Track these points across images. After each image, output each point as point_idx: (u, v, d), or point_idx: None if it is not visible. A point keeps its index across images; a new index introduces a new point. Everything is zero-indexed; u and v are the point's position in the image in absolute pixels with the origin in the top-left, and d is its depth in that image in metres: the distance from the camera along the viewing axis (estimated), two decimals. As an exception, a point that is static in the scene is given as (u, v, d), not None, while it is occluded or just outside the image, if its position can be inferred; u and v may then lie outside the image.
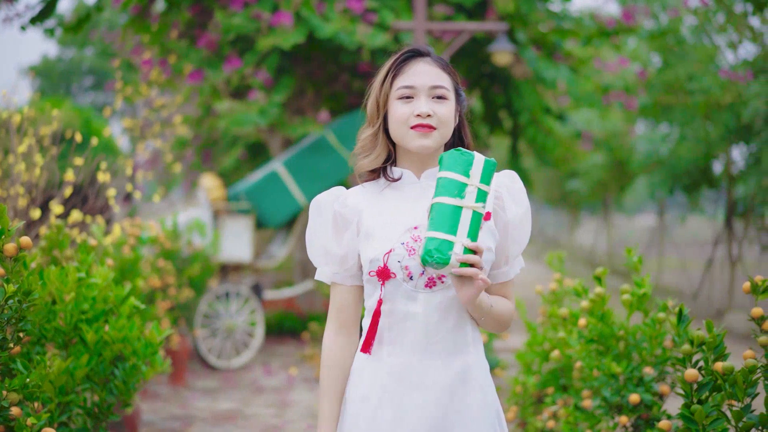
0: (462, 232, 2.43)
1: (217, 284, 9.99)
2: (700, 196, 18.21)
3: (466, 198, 2.45)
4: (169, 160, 12.10)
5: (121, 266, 6.74)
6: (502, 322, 2.67)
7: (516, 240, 2.67)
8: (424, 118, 2.60)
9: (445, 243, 2.42)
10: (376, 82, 2.73)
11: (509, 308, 2.69)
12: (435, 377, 2.60)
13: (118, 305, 3.94)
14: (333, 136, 10.55)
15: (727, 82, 14.23)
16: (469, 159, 2.48)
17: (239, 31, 10.29)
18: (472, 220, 2.44)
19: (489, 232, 2.62)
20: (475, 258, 2.42)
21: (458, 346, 2.62)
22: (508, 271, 2.70)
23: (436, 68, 2.66)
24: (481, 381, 2.64)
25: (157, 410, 7.95)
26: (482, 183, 2.47)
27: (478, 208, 2.44)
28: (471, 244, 2.42)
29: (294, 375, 9.55)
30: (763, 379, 2.93)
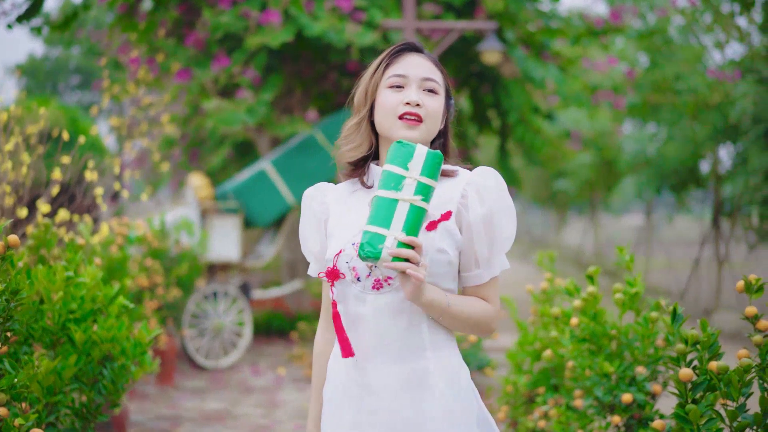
0: (396, 225, 2.37)
1: (204, 284, 9.94)
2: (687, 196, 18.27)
3: (403, 191, 2.39)
4: (156, 159, 12.04)
5: (108, 265, 6.70)
6: (473, 324, 2.56)
7: (483, 242, 2.55)
8: (413, 107, 2.56)
9: (377, 236, 2.36)
10: (367, 73, 2.70)
11: (484, 310, 2.57)
12: (386, 382, 2.53)
13: (107, 305, 3.90)
14: (321, 135, 10.52)
15: (715, 82, 14.27)
16: (409, 151, 2.42)
17: (227, 29, 10.24)
18: (408, 214, 2.37)
19: (446, 232, 2.53)
20: (408, 252, 2.34)
21: (412, 350, 2.52)
22: (481, 274, 2.57)
23: (429, 62, 2.64)
24: (442, 387, 2.52)
25: (145, 410, 7.91)
26: (423, 176, 2.40)
27: (416, 201, 2.37)
28: (405, 238, 2.35)
29: (282, 375, 9.51)
30: (757, 379, 2.91)
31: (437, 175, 2.43)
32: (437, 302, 2.48)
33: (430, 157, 2.42)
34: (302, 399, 8.47)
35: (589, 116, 18.67)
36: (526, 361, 4.97)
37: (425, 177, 2.40)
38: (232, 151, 14.08)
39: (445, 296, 2.50)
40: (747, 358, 2.88)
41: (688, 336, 3.01)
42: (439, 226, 2.53)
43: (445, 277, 2.54)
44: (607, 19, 12.07)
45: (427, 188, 2.41)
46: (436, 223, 2.53)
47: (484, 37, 10.56)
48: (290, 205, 10.32)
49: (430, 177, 2.41)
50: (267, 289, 11.68)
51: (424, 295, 2.44)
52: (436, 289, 2.49)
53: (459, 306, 2.53)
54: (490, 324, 2.60)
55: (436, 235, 2.52)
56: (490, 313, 2.59)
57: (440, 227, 2.53)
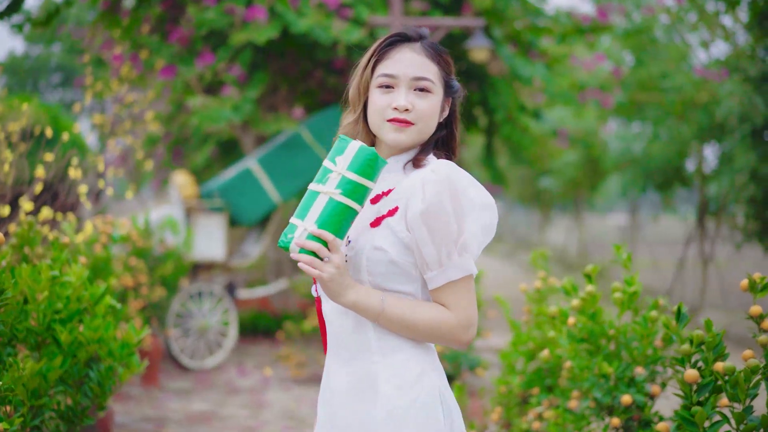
0: (311, 217, 2.32)
1: (189, 283, 9.84)
2: (672, 195, 18.28)
3: (326, 184, 2.34)
4: (140, 158, 11.92)
5: (92, 265, 6.59)
6: (423, 332, 2.38)
7: (425, 241, 2.36)
8: (401, 113, 2.44)
9: (292, 227, 2.34)
10: (359, 66, 2.56)
11: (436, 318, 2.38)
12: (339, 385, 2.47)
13: (93, 305, 3.81)
14: (308, 133, 10.43)
15: (701, 81, 14.27)
16: (341, 146, 2.38)
17: (212, 25, 10.14)
18: (325, 206, 2.32)
19: (388, 229, 2.40)
20: (313, 244, 2.27)
21: (360, 354, 2.43)
22: (434, 278, 2.38)
23: (423, 57, 2.48)
24: (391, 395, 2.38)
25: (130, 412, 7.79)
26: (350, 171, 2.33)
27: (334, 194, 2.31)
28: (314, 230, 2.29)
29: (269, 375, 9.42)
30: (764, 380, 2.85)
31: (371, 173, 2.35)
32: (364, 305, 2.36)
33: (361, 154, 2.35)
34: (289, 399, 8.39)
35: (575, 115, 18.66)
36: (519, 361, 4.90)
37: (352, 172, 2.33)
38: (216, 149, 13.97)
39: (380, 300, 2.37)
40: (754, 359, 2.81)
41: (694, 336, 2.94)
42: (383, 223, 2.42)
43: (390, 277, 2.41)
44: (594, 17, 12.02)
45: (353, 184, 2.33)
46: (381, 219, 2.43)
47: (472, 35, 10.50)
48: (276, 203, 10.23)
49: (360, 174, 2.34)
50: (253, 289, 11.58)
51: (345, 295, 2.35)
52: (367, 292, 2.37)
53: (399, 311, 2.38)
54: (453, 334, 2.39)
55: (377, 232, 2.41)
56: (448, 322, 2.39)
57: (384, 224, 2.42)
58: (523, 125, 12.32)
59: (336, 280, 2.33)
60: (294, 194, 10.66)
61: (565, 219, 34.50)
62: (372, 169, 2.35)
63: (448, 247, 2.36)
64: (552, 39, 12.29)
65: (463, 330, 2.40)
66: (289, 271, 12.27)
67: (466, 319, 2.40)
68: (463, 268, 2.38)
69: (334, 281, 2.32)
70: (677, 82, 14.85)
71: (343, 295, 2.35)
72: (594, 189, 23.36)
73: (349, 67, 10.90)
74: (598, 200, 28.63)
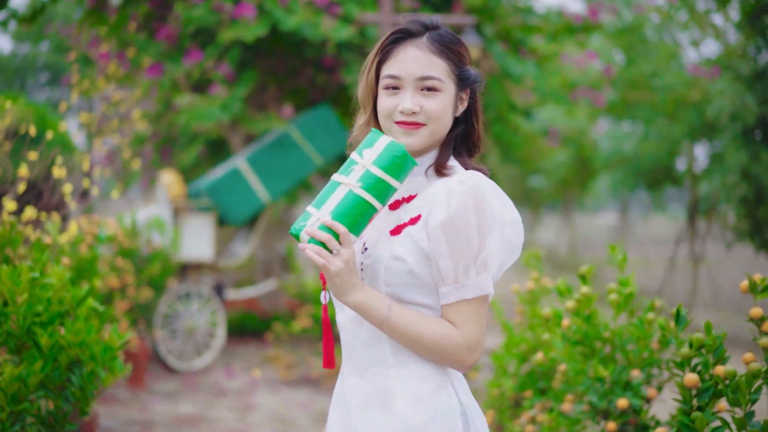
0: (327, 207, 2.22)
1: (177, 284, 9.73)
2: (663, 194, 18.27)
3: (349, 176, 2.24)
4: (127, 157, 11.82)
5: (77, 265, 6.49)
6: (427, 347, 2.26)
7: (443, 253, 2.24)
8: (408, 116, 2.33)
9: (305, 215, 2.24)
10: (365, 65, 2.44)
11: (441, 334, 2.26)
12: (353, 396, 2.36)
13: (75, 307, 3.71)
14: (297, 131, 10.34)
15: (693, 80, 14.24)
16: (372, 139, 2.27)
17: (200, 23, 10.04)
18: (344, 198, 2.22)
19: (408, 238, 2.29)
20: (323, 235, 2.17)
21: (375, 366, 2.33)
22: (448, 293, 2.27)
23: (428, 54, 2.34)
24: (405, 411, 2.28)
25: (116, 415, 7.68)
26: (375, 165, 2.23)
27: (355, 187, 2.21)
28: (327, 221, 2.18)
29: (257, 377, 9.32)
30: (766, 385, 2.77)
31: (398, 171, 2.24)
32: (369, 307, 2.25)
33: (389, 150, 2.25)
34: (277, 402, 8.30)
35: (566, 114, 18.61)
36: (512, 363, 4.82)
37: (377, 167, 2.23)
38: (204, 148, 13.86)
39: (386, 305, 2.26)
40: (756, 363, 2.73)
41: (693, 340, 2.86)
42: (404, 231, 2.31)
43: (408, 288, 2.30)
44: (585, 15, 11.96)
45: (376, 179, 2.23)
46: (402, 227, 2.32)
47: (462, 32, 10.41)
48: (264, 203, 10.13)
49: (385, 170, 2.23)
50: (241, 289, 11.48)
51: (351, 294, 2.24)
52: (374, 294, 2.26)
53: (405, 320, 2.26)
54: (456, 354, 2.27)
55: (397, 241, 2.30)
56: (453, 340, 2.27)
57: (405, 232, 2.31)
58: (514, 124, 12.23)
59: (343, 276, 2.21)
60: (283, 194, 10.57)
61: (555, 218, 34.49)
62: (399, 167, 2.24)
63: (467, 263, 2.25)
64: (543, 37, 12.22)
65: (467, 352, 2.28)
66: (278, 271, 12.17)
67: (473, 341, 2.28)
68: (480, 287, 2.26)
69: (340, 276, 2.21)
70: (668, 81, 14.82)
71: (348, 294, 2.24)
72: (584, 188, 23.33)
73: (339, 65, 10.82)
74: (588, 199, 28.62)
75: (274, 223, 12.26)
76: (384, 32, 9.19)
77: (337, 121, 10.61)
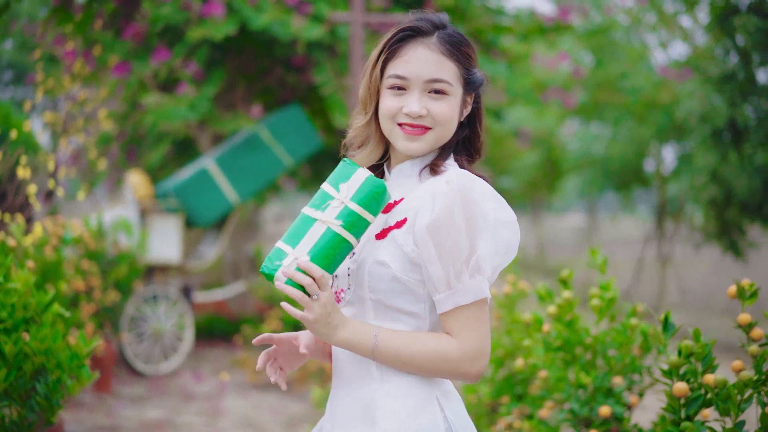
0: (303, 246, 2.10)
1: (144, 286, 9.57)
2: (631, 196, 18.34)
3: (325, 212, 2.12)
4: (92, 157, 11.63)
5: (42, 268, 6.34)
6: (423, 367, 2.16)
7: (432, 258, 2.14)
8: (414, 119, 2.22)
9: (279, 253, 2.12)
10: (369, 61, 2.32)
11: (437, 350, 2.15)
12: (338, 408, 2.28)
13: (40, 313, 3.58)
14: (266, 132, 10.22)
15: (662, 81, 14.29)
16: (347, 172, 2.16)
17: (168, 21, 9.90)
18: (322, 237, 2.10)
19: (392, 243, 2.19)
20: (303, 279, 2.06)
21: (360, 379, 2.23)
22: (442, 301, 2.16)
23: (438, 55, 2.23)
24: (384, 426, 2.18)
25: (82, 420, 7.52)
26: (353, 201, 2.12)
27: (333, 225, 2.10)
28: (304, 263, 2.07)
29: (226, 381, 9.18)
30: (756, 393, 2.70)
31: (375, 207, 2.13)
32: (353, 343, 2.15)
33: (368, 185, 2.13)
34: (247, 406, 8.17)
35: (536, 115, 18.62)
36: (488, 368, 4.74)
37: (355, 204, 2.12)
38: (172, 148, 13.70)
39: (372, 335, 2.15)
40: (746, 372, 2.67)
41: (682, 347, 2.79)
42: (389, 235, 2.21)
43: (393, 295, 2.20)
44: (556, 16, 11.94)
45: (355, 216, 2.12)
46: (387, 231, 2.22)
47: (433, 33, 10.33)
48: (233, 204, 10.00)
49: (363, 206, 2.12)
50: (209, 291, 11.34)
51: (334, 335, 2.14)
52: (358, 328, 2.16)
53: (395, 344, 2.16)
54: (458, 368, 2.17)
55: (381, 245, 2.20)
56: (452, 355, 2.16)
57: (389, 236, 2.21)
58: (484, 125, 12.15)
59: (323, 321, 2.12)
60: (252, 195, 10.45)
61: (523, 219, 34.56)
62: (377, 203, 2.14)
63: (458, 267, 2.14)
64: (514, 38, 12.19)
65: (471, 362, 2.17)
66: (247, 273, 12.04)
67: (474, 350, 2.17)
68: (475, 291, 2.15)
69: (320, 322, 2.12)
70: (637, 83, 14.87)
71: (332, 335, 2.14)
72: (552, 189, 23.37)
73: (309, 65, 10.71)
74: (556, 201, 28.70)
75: (242, 224, 12.13)
76: (354, 31, 9.09)
77: (307, 122, 10.50)
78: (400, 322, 2.23)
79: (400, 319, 2.23)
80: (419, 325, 2.24)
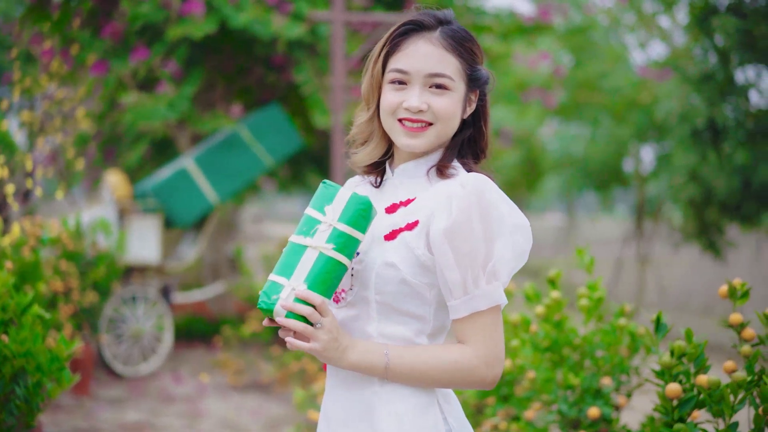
0: (298, 275, 2.06)
1: (122, 287, 9.48)
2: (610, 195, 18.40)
3: (315, 237, 2.07)
4: (70, 157, 11.52)
5: (20, 269, 6.25)
6: (439, 379, 2.11)
7: (449, 263, 2.09)
8: (414, 113, 2.17)
9: (275, 286, 2.07)
10: (371, 56, 2.27)
11: (450, 361, 2.10)
12: (335, 409, 2.23)
13: (20, 314, 3.51)
14: (246, 131, 10.16)
15: (641, 81, 14.33)
16: (330, 194, 2.11)
17: (147, 20, 9.81)
18: (315, 263, 2.06)
19: (403, 245, 2.14)
20: (303, 309, 2.02)
21: (359, 380, 2.19)
22: (457, 307, 2.11)
23: (440, 50, 2.18)
24: (382, 427, 2.14)
25: (59, 423, 7.43)
26: (341, 222, 2.07)
27: (326, 250, 2.06)
28: (302, 293, 2.03)
29: (205, 382, 9.11)
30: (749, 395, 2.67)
31: (363, 224, 2.09)
32: (364, 364, 2.11)
33: (353, 204, 2.09)
34: (227, 408, 8.10)
35: (516, 114, 18.64)
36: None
37: (343, 224, 2.07)
38: (150, 148, 13.60)
39: (383, 354, 2.11)
40: (740, 373, 2.64)
41: (675, 348, 2.75)
42: (399, 237, 2.15)
43: (400, 297, 2.15)
44: (536, 16, 11.93)
45: (345, 237, 2.07)
46: (397, 233, 2.16)
47: (414, 32, 10.29)
48: (213, 204, 9.93)
49: (352, 225, 2.08)
50: (188, 292, 11.25)
51: (344, 359, 2.09)
52: (368, 347, 2.12)
53: (408, 360, 2.11)
54: (474, 375, 2.11)
55: (391, 246, 2.15)
56: (467, 363, 2.11)
57: (399, 238, 2.15)
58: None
59: (331, 347, 2.07)
60: (232, 195, 10.38)
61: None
62: (365, 220, 2.10)
63: (475, 273, 2.09)
64: (494, 37, 12.17)
65: (487, 368, 2.12)
66: (227, 274, 11.96)
67: (490, 356, 2.11)
68: (492, 297, 2.10)
69: (328, 349, 2.07)
70: (616, 83, 14.90)
71: (342, 359, 2.10)
72: (532, 189, 23.41)
73: (289, 64, 10.64)
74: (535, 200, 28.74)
75: (222, 225, 12.06)
76: (335, 30, 9.04)
77: (287, 121, 10.44)
78: (404, 325, 2.19)
79: (405, 322, 2.19)
80: (422, 329, 2.20)
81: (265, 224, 35.57)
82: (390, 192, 2.28)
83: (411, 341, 2.18)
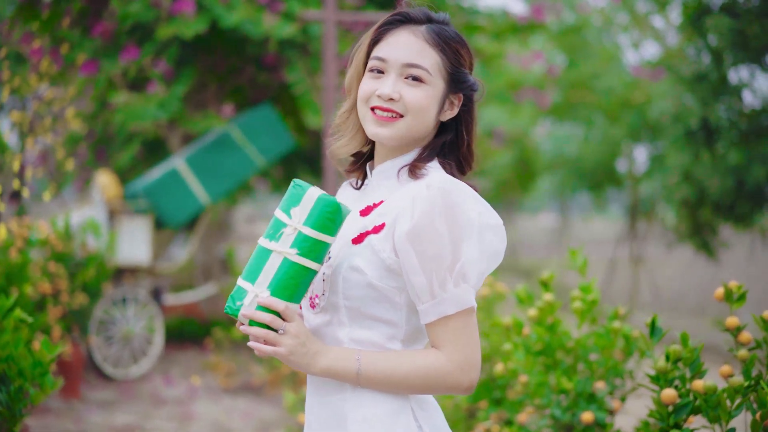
0: (262, 281, 2.01)
1: (112, 288, 9.41)
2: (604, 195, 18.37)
3: (280, 241, 2.02)
4: (60, 157, 11.44)
5: (7, 271, 6.20)
6: (413, 385, 2.07)
7: (413, 266, 2.04)
8: (384, 101, 2.12)
9: (240, 291, 2.03)
10: (356, 46, 2.25)
11: (424, 367, 2.06)
12: (310, 416, 2.19)
13: (1, 318, 3.44)
14: (238, 131, 10.10)
15: (635, 81, 14.30)
16: (297, 194, 2.05)
17: (137, 19, 9.75)
18: (279, 269, 2.01)
19: (369, 248, 2.09)
20: (264, 316, 1.98)
21: (331, 386, 2.14)
22: (426, 311, 2.06)
23: (422, 42, 2.14)
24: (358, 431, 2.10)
25: (49, 426, 7.36)
26: (306, 226, 2.02)
27: (290, 255, 2.00)
28: (264, 300, 1.99)
29: (197, 385, 9.04)
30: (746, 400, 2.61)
31: (331, 227, 2.03)
32: (335, 370, 2.06)
33: (320, 206, 2.02)
34: (218, 411, 8.04)
35: (510, 114, 18.59)
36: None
37: (309, 228, 2.01)
38: (141, 148, 13.53)
39: (355, 359, 2.06)
40: (736, 378, 2.58)
41: (671, 352, 2.69)
42: (365, 240, 2.10)
43: (368, 302, 2.10)
44: (530, 15, 11.89)
45: (311, 241, 2.01)
46: (364, 236, 2.11)
47: (407, 32, 10.24)
48: (204, 205, 9.87)
49: (318, 229, 2.01)
50: (180, 294, 11.18)
51: (314, 364, 2.05)
52: (339, 353, 2.07)
53: (380, 366, 2.06)
54: (449, 381, 2.07)
55: (357, 250, 2.10)
56: (441, 368, 2.06)
57: (366, 242, 2.10)
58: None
59: (298, 352, 2.02)
60: (223, 195, 10.32)
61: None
62: (333, 222, 2.04)
63: (442, 276, 2.03)
64: (487, 37, 12.12)
65: (462, 374, 2.06)
66: (219, 275, 11.89)
67: (463, 361, 2.06)
68: (460, 300, 2.04)
69: (295, 354, 2.02)
70: (609, 83, 14.87)
71: (311, 365, 2.05)
72: (525, 189, 23.35)
73: (281, 64, 10.58)
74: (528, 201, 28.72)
75: (214, 225, 11.98)
76: (327, 30, 8.98)
77: (279, 121, 10.38)
78: (375, 330, 2.13)
79: (376, 327, 2.13)
80: (394, 334, 2.15)
81: (258, 224, 35.48)
82: (369, 194, 2.24)
83: (382, 347, 2.13)
